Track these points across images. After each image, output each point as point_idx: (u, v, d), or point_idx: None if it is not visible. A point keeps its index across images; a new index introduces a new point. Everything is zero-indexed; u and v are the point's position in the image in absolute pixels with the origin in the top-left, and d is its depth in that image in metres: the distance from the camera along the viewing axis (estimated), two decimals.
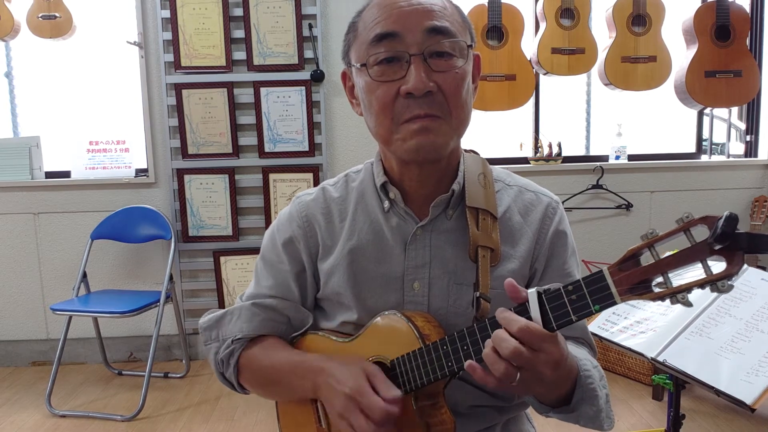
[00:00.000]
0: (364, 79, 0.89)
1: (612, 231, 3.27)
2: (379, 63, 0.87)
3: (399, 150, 0.90)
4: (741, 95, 3.10)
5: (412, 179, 0.96)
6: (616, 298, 0.70)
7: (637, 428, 2.37)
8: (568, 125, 3.47)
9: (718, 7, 3.04)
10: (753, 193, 3.28)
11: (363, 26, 0.90)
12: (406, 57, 0.85)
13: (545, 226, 0.98)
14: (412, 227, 0.96)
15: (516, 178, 1.04)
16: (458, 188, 0.95)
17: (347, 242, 0.98)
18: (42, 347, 3.22)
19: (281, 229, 1.04)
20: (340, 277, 0.98)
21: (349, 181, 1.05)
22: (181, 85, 3.02)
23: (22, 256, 3.16)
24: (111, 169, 3.15)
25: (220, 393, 2.81)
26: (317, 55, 3.01)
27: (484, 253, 0.92)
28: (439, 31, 0.86)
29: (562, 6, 3.02)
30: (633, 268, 0.70)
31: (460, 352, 0.82)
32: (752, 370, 1.27)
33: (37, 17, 2.96)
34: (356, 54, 0.91)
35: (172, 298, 2.95)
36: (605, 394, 0.89)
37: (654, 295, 0.69)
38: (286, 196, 3.10)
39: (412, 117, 0.86)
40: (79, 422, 2.56)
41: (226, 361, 1.04)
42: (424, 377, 0.85)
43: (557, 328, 0.74)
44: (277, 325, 1.04)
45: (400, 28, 0.86)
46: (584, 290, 0.72)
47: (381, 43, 0.86)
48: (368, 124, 0.94)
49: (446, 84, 0.86)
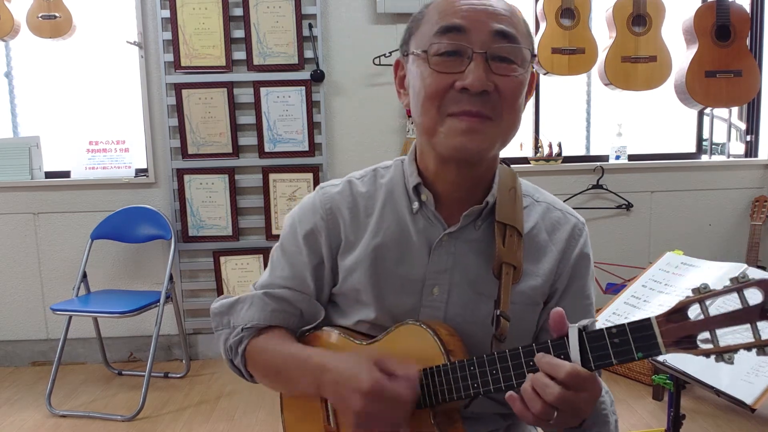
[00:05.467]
0: (420, 67, 0.88)
1: (612, 231, 3.26)
2: (441, 54, 0.85)
3: (441, 144, 0.88)
4: (741, 95, 3.10)
5: (447, 181, 0.94)
6: (662, 348, 0.70)
7: (637, 428, 2.36)
8: (568, 125, 3.47)
9: (718, 7, 3.04)
10: (753, 193, 3.28)
11: (429, 17, 0.89)
12: (468, 53, 0.84)
13: (570, 246, 0.98)
14: (439, 232, 0.95)
15: (544, 195, 1.03)
16: (492, 201, 0.94)
17: (372, 240, 0.96)
18: (42, 347, 3.22)
19: (303, 220, 1.02)
20: (361, 275, 0.96)
21: (377, 176, 1.02)
22: (181, 85, 3.01)
23: (22, 256, 3.16)
24: (111, 169, 3.15)
25: (220, 393, 2.81)
26: (317, 55, 3.01)
27: (507, 270, 0.91)
28: (505, 36, 0.85)
29: (562, 6, 3.02)
30: (681, 321, 0.70)
31: (489, 376, 0.81)
32: (752, 370, 1.27)
33: (37, 17, 2.96)
34: (417, 42, 0.90)
35: (172, 298, 2.95)
36: (614, 420, 0.90)
37: (700, 351, 0.69)
38: (286, 196, 3.10)
39: (460, 112, 0.85)
40: (79, 422, 2.55)
41: (235, 348, 1.03)
42: (446, 394, 0.85)
43: (596, 368, 0.74)
44: (289, 317, 1.02)
45: (467, 23, 0.85)
46: (629, 336, 0.72)
47: (446, 35, 0.85)
48: (414, 115, 0.92)
49: (504, 86, 0.85)
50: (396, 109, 3.14)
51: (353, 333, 0.99)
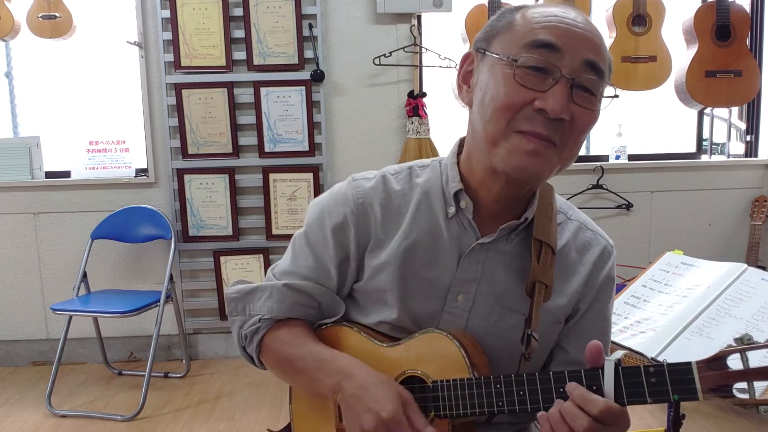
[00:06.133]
0: (500, 74, 0.85)
1: (612, 231, 3.22)
2: (529, 67, 0.83)
3: (499, 157, 0.85)
4: (741, 95, 3.10)
5: (492, 192, 0.92)
6: (699, 394, 0.71)
7: (637, 428, 2.36)
8: None
9: (718, 7, 3.04)
10: (753, 193, 3.28)
11: (524, 22, 0.86)
12: (556, 74, 0.82)
13: (598, 269, 0.98)
14: (472, 240, 0.94)
15: (577, 213, 1.03)
16: (530, 216, 0.94)
17: (403, 240, 0.95)
18: (42, 347, 3.22)
19: (333, 211, 0.98)
20: (389, 275, 0.94)
21: (413, 175, 1.00)
22: (181, 85, 3.01)
23: (22, 256, 3.16)
24: (111, 169, 3.15)
25: (220, 393, 2.81)
26: (317, 55, 3.01)
27: (540, 288, 0.91)
28: (594, 68, 0.84)
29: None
30: (722, 369, 0.70)
31: (515, 396, 0.81)
32: None
33: (37, 17, 2.96)
34: (504, 45, 0.86)
35: (172, 298, 2.95)
36: None
37: (737, 400, 0.69)
38: (286, 195, 3.10)
39: (531, 132, 0.82)
40: (79, 422, 2.55)
41: (250, 337, 1.01)
42: (468, 408, 0.84)
43: (628, 404, 0.74)
44: (308, 310, 1.00)
45: (563, 44, 0.82)
46: (666, 377, 0.72)
47: (538, 50, 0.82)
48: (476, 118, 0.89)
49: (579, 118, 0.84)
50: (396, 109, 3.14)
51: (374, 333, 0.97)
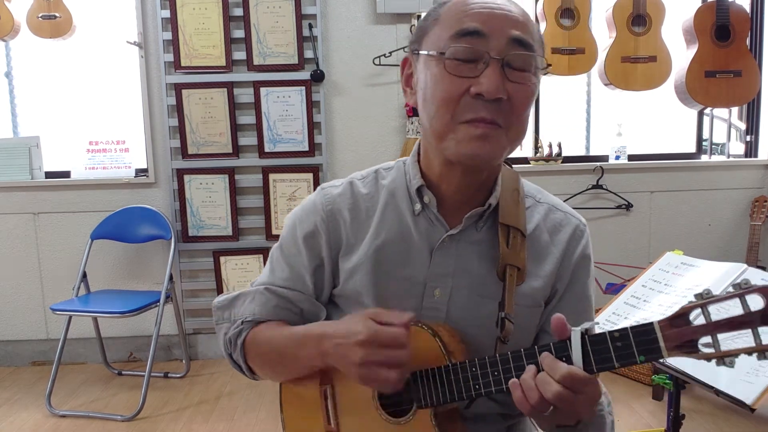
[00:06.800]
0: (433, 70, 0.86)
1: (612, 231, 3.26)
2: (457, 58, 0.84)
3: (450, 150, 0.87)
4: (741, 95, 3.10)
5: (452, 184, 0.93)
6: (664, 352, 0.71)
7: (637, 428, 2.36)
8: (568, 125, 3.47)
9: (718, 7, 3.04)
10: (753, 193, 3.28)
11: (446, 17, 0.87)
12: (485, 58, 0.83)
13: (571, 248, 0.98)
14: (441, 234, 0.95)
15: (547, 196, 1.03)
16: (494, 203, 0.95)
17: (373, 241, 0.96)
18: (42, 347, 3.22)
19: (303, 221, 1.01)
20: (362, 277, 0.96)
21: (379, 177, 1.02)
22: (181, 85, 3.01)
23: (22, 256, 3.16)
24: (111, 169, 3.15)
25: (220, 393, 2.81)
26: (317, 55, 3.01)
27: (511, 272, 0.91)
28: (521, 43, 0.85)
29: (562, 6, 3.02)
30: (684, 326, 0.71)
31: (490, 377, 0.82)
32: (752, 370, 1.27)
33: (37, 17, 2.96)
34: (432, 42, 0.88)
35: (172, 298, 2.95)
36: (611, 421, 0.90)
37: (701, 355, 0.70)
38: (286, 196, 3.10)
39: (475, 119, 0.84)
40: (79, 422, 2.56)
41: (234, 341, 1.02)
42: (447, 395, 0.85)
43: (597, 371, 0.75)
44: (290, 314, 1.02)
45: (486, 28, 0.84)
46: (631, 339, 0.73)
47: (464, 38, 0.84)
48: (423, 117, 0.91)
49: (517, 95, 0.85)
50: (396, 109, 3.14)
51: None
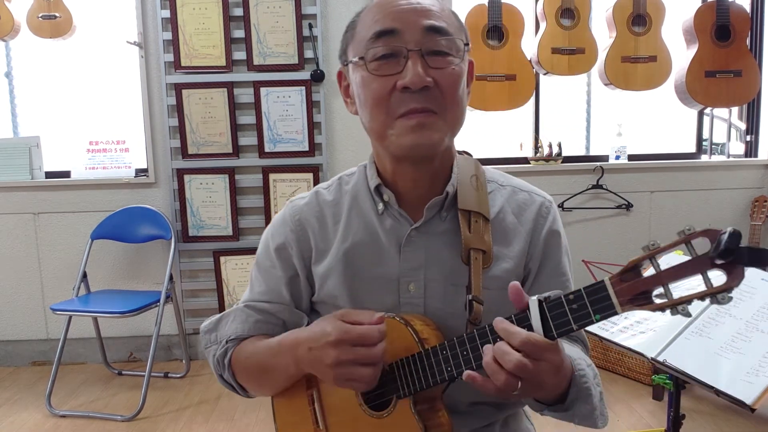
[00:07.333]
0: (360, 74, 0.90)
1: (612, 231, 3.26)
2: (378, 59, 0.88)
3: (393, 146, 0.90)
4: (741, 95, 3.10)
5: (406, 179, 0.96)
6: (617, 308, 0.71)
7: (637, 428, 2.37)
8: (568, 125, 3.47)
9: (718, 7, 3.04)
10: (753, 193, 3.28)
11: (362, 25, 0.92)
12: (404, 53, 0.86)
13: (539, 225, 0.99)
14: (407, 229, 0.97)
15: (509, 179, 1.04)
16: (452, 190, 0.96)
17: (341, 245, 0.98)
18: (42, 347, 3.22)
19: (274, 234, 1.05)
20: (335, 280, 0.98)
21: (342, 184, 1.05)
22: (181, 85, 3.01)
23: (22, 256, 3.16)
24: (111, 169, 3.15)
25: (220, 393, 2.81)
26: (317, 55, 3.01)
27: (476, 255, 0.92)
28: (436, 30, 0.87)
29: (562, 6, 3.02)
30: (634, 279, 0.71)
31: (460, 357, 0.82)
32: (752, 370, 1.27)
33: (37, 17, 2.96)
34: (354, 51, 0.92)
35: (172, 298, 2.95)
36: (599, 392, 0.90)
37: (655, 306, 0.69)
38: (286, 196, 3.10)
39: (408, 111, 0.87)
40: (79, 422, 2.56)
41: (221, 361, 1.05)
42: (423, 381, 0.86)
43: (558, 336, 0.74)
44: (272, 327, 1.04)
45: (399, 25, 0.87)
46: (585, 300, 0.73)
47: (380, 40, 0.87)
48: (362, 121, 0.94)
49: (443, 80, 0.87)
50: None
51: None
